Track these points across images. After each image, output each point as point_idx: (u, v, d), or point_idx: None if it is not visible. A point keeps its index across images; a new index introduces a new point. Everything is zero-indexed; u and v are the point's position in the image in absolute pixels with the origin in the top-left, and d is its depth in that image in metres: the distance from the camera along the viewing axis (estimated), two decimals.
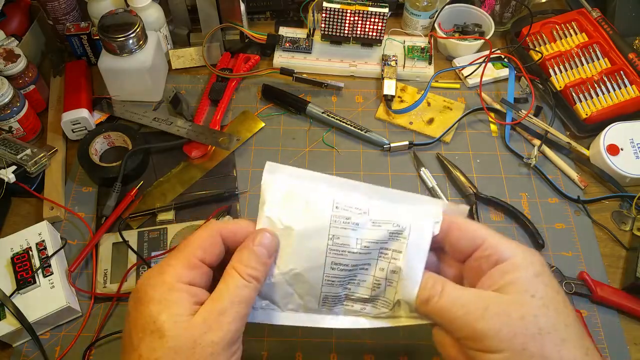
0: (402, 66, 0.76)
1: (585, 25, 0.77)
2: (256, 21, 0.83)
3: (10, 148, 0.63)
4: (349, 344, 0.53)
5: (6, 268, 0.54)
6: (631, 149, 0.65)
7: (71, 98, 0.68)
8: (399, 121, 0.71)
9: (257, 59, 0.76)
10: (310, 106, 0.70)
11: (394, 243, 0.40)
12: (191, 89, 0.75)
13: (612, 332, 0.54)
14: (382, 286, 0.40)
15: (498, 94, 0.75)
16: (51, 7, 0.73)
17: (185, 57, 0.76)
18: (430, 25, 0.80)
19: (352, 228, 0.40)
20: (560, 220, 0.63)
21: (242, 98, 0.74)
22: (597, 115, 0.69)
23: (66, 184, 0.65)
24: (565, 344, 0.34)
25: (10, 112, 0.63)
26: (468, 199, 0.63)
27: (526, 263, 0.37)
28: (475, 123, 0.72)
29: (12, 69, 0.66)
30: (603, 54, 0.74)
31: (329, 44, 0.78)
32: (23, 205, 0.63)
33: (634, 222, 0.62)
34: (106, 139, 0.66)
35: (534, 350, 0.34)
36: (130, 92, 0.70)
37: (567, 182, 0.66)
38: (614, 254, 0.60)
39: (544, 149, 0.68)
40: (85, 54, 0.75)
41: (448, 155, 0.67)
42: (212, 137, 0.66)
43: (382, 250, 0.40)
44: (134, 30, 0.65)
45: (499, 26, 0.81)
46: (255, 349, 0.52)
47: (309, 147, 0.69)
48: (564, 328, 0.35)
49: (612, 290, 0.56)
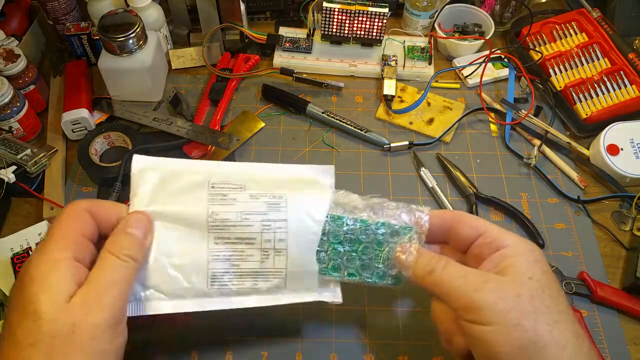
0: (402, 66, 0.76)
1: (585, 25, 0.77)
2: (256, 21, 0.83)
3: (10, 148, 0.63)
4: (349, 344, 0.53)
5: (6, 268, 0.54)
6: (631, 149, 0.65)
7: (71, 98, 0.68)
8: (399, 121, 0.71)
9: (257, 59, 0.76)
10: (310, 106, 0.70)
11: (275, 213, 0.42)
12: (191, 89, 0.75)
13: (612, 332, 0.54)
14: (271, 256, 0.42)
15: (498, 94, 0.75)
16: (51, 7, 0.73)
17: (185, 57, 0.76)
18: (430, 25, 0.80)
19: (230, 203, 0.42)
20: (560, 220, 0.63)
21: (242, 98, 0.74)
22: (597, 115, 0.69)
23: (66, 184, 0.65)
24: (557, 325, 0.36)
25: (10, 112, 0.63)
26: (468, 199, 0.63)
27: (526, 250, 0.39)
28: (475, 123, 0.72)
29: (12, 69, 0.66)
30: (603, 54, 0.74)
31: (329, 44, 0.78)
32: (23, 205, 0.63)
33: (634, 222, 0.62)
34: (106, 139, 0.66)
35: (527, 326, 0.35)
36: (130, 92, 0.70)
37: (567, 182, 0.66)
38: (614, 254, 0.60)
39: (544, 149, 0.68)
40: (85, 54, 0.75)
41: (448, 155, 0.67)
42: (212, 137, 0.66)
43: (264, 222, 0.42)
44: (134, 30, 0.65)
45: (499, 26, 0.81)
46: (255, 348, 0.52)
47: (309, 147, 0.69)
48: (557, 312, 0.36)
49: (612, 290, 0.56)
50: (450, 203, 0.62)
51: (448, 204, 0.62)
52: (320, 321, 0.54)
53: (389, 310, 0.55)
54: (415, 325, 0.54)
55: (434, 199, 0.64)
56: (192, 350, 0.52)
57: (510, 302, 0.36)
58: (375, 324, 0.54)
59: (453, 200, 0.64)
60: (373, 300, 0.55)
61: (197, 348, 0.52)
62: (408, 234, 0.44)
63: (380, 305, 0.55)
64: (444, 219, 0.44)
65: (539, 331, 0.35)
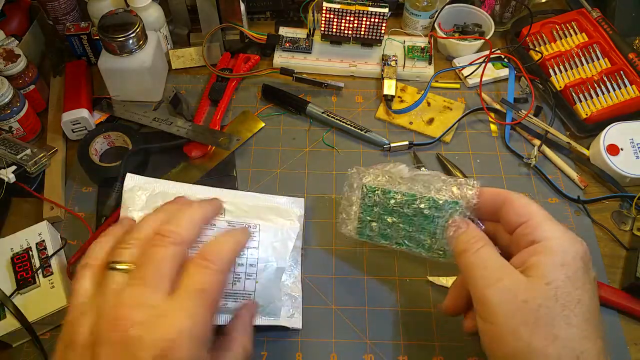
0: (402, 66, 0.76)
1: (585, 25, 0.77)
2: (256, 21, 0.83)
3: (10, 148, 0.62)
4: (349, 344, 0.53)
5: (6, 268, 0.54)
6: (631, 149, 0.65)
7: (71, 98, 0.68)
8: (399, 121, 0.71)
9: (257, 59, 0.76)
10: (310, 106, 0.70)
11: (249, 241, 0.45)
12: (191, 89, 0.75)
13: (612, 332, 0.54)
14: (242, 279, 0.44)
15: (498, 94, 0.75)
16: (51, 7, 0.73)
17: (185, 57, 0.76)
18: (430, 25, 0.80)
19: (210, 228, 0.44)
20: (561, 220, 0.61)
21: (242, 98, 0.74)
22: (597, 115, 0.69)
23: (66, 184, 0.65)
24: (556, 341, 0.33)
25: (10, 112, 0.63)
26: None
27: (558, 249, 0.37)
28: (475, 123, 0.72)
29: (12, 69, 0.66)
30: (603, 54, 0.74)
31: (329, 44, 0.78)
32: (23, 205, 0.63)
33: (634, 222, 0.62)
34: (106, 139, 0.66)
35: (523, 336, 0.34)
36: (130, 92, 0.70)
37: (567, 182, 0.66)
38: (614, 254, 0.60)
39: (544, 149, 0.68)
40: (85, 54, 0.75)
41: (448, 155, 0.67)
42: (212, 137, 0.66)
43: None
44: (134, 30, 0.65)
45: (499, 26, 0.81)
46: (255, 348, 0.52)
47: (309, 147, 0.69)
48: (564, 326, 0.34)
49: (612, 290, 0.56)
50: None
51: None
52: (321, 321, 0.54)
53: (389, 310, 0.55)
54: (415, 325, 0.54)
55: None
56: None
57: (515, 306, 0.35)
58: (375, 324, 0.54)
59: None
60: (373, 300, 0.55)
61: None
62: (453, 209, 0.44)
63: (381, 305, 0.55)
64: (493, 197, 0.43)
65: (532, 344, 0.33)
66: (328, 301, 0.55)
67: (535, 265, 0.36)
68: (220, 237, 0.41)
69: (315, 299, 0.55)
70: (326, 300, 0.55)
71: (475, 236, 0.40)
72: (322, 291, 0.56)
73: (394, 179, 0.48)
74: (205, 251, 0.38)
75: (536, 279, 0.35)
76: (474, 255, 0.39)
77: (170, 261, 0.36)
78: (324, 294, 0.56)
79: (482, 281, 0.37)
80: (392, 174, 0.48)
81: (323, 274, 0.57)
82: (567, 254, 0.36)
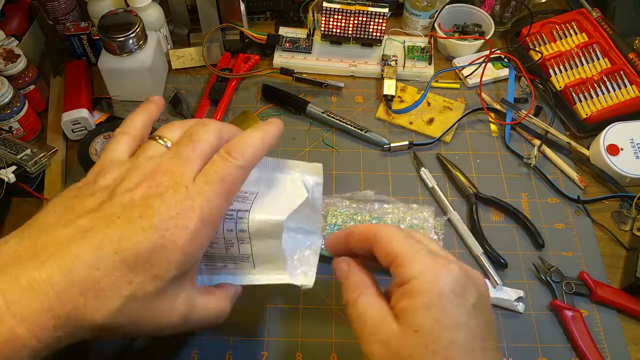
0: (402, 66, 0.76)
1: (585, 25, 0.77)
2: (256, 21, 0.83)
3: (10, 148, 0.63)
4: (349, 344, 0.53)
5: None
6: (631, 149, 0.65)
7: (71, 98, 0.68)
8: (399, 121, 0.71)
9: (257, 59, 0.76)
10: (310, 106, 0.70)
11: (237, 204, 0.43)
12: (191, 89, 0.75)
13: (612, 332, 0.54)
14: (235, 245, 0.43)
15: (498, 94, 0.75)
16: (51, 7, 0.73)
17: (185, 57, 0.76)
18: (430, 25, 0.80)
19: None
20: (560, 220, 0.63)
21: (242, 98, 0.74)
22: (597, 115, 0.69)
23: (66, 184, 0.65)
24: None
25: (10, 112, 0.64)
26: (468, 199, 0.63)
27: (423, 290, 0.34)
28: (475, 123, 0.72)
29: (12, 69, 0.66)
30: (603, 54, 0.74)
31: (329, 44, 0.78)
32: (23, 205, 0.63)
33: (634, 222, 0.62)
34: (106, 139, 0.66)
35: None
36: (130, 92, 0.70)
37: (567, 182, 0.66)
38: (614, 254, 0.60)
39: (544, 149, 0.68)
40: (85, 54, 0.75)
41: (448, 155, 0.67)
42: None
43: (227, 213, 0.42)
44: (134, 30, 0.65)
45: (499, 26, 0.81)
46: (255, 348, 0.52)
47: (309, 147, 0.69)
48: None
49: (612, 290, 0.56)
50: (450, 203, 0.62)
51: (448, 204, 0.62)
52: (320, 321, 0.54)
53: None
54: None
55: (434, 199, 0.64)
56: (193, 349, 0.52)
57: (389, 359, 0.34)
58: None
59: (453, 201, 0.63)
60: None
61: (197, 347, 0.52)
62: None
63: None
64: (363, 236, 0.40)
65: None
66: (328, 301, 0.56)
67: (404, 310, 0.34)
68: (247, 133, 0.40)
69: (315, 299, 0.55)
70: (326, 300, 0.56)
71: (353, 284, 0.39)
72: (322, 291, 0.56)
73: None
74: (231, 146, 0.39)
75: (406, 327, 0.34)
76: (354, 307, 0.37)
77: (206, 146, 0.38)
78: (324, 294, 0.56)
79: (362, 335, 0.36)
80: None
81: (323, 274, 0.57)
82: (432, 293, 0.33)
